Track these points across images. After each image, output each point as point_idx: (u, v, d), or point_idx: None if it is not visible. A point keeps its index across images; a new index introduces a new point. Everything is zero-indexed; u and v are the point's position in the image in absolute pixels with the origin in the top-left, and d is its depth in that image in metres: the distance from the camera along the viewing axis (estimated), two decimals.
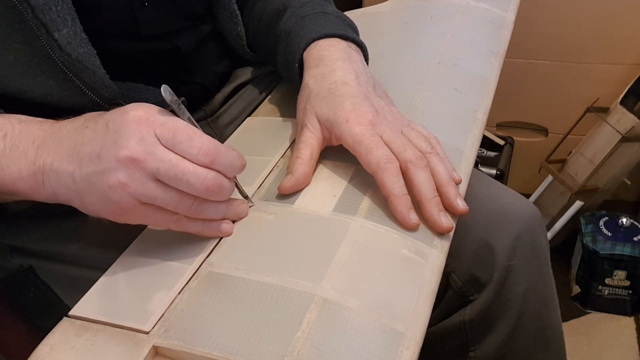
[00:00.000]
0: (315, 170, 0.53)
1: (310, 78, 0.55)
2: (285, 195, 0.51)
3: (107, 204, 0.42)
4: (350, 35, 0.58)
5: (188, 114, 0.45)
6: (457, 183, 0.50)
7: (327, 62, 0.55)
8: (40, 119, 0.47)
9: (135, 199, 0.42)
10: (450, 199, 0.48)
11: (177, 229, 0.45)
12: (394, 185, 0.47)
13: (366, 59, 0.60)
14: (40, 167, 0.44)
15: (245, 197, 0.50)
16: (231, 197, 0.47)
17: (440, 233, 0.48)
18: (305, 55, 0.57)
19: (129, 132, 0.41)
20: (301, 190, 0.51)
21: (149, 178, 0.41)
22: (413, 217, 0.47)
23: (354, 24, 0.63)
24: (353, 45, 0.58)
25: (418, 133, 0.51)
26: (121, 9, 0.56)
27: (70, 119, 0.46)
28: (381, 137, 0.49)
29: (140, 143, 0.41)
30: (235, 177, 0.47)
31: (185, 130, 0.42)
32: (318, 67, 0.55)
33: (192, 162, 0.42)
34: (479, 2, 0.80)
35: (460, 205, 0.48)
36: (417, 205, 0.48)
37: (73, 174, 0.42)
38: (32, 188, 0.44)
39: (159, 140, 0.42)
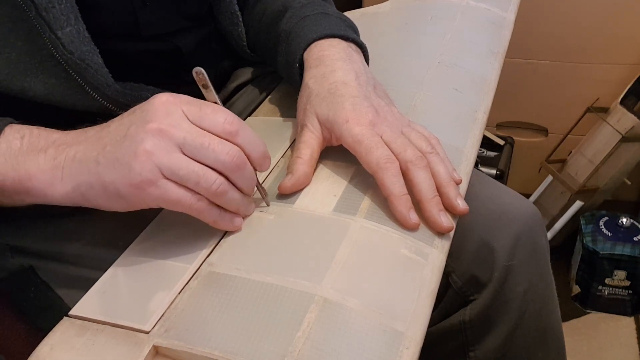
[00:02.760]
0: (315, 170, 0.53)
1: (311, 78, 0.55)
2: (286, 195, 0.51)
3: (129, 177, 0.42)
4: (350, 35, 0.58)
5: (216, 97, 0.46)
6: (458, 183, 0.50)
7: (328, 62, 0.55)
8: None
9: (159, 170, 0.42)
10: (450, 199, 0.48)
11: (194, 213, 0.44)
12: (394, 185, 0.47)
13: (366, 60, 0.60)
14: (61, 162, 0.44)
15: (264, 195, 0.50)
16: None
17: (440, 233, 0.48)
18: (305, 55, 0.57)
19: (156, 109, 0.43)
20: (301, 190, 0.51)
21: (175, 149, 0.42)
22: (413, 217, 0.47)
23: (354, 24, 0.63)
24: (353, 46, 0.58)
25: (418, 133, 0.51)
26: (122, 9, 0.56)
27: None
28: (381, 137, 0.49)
29: (168, 117, 0.42)
30: (257, 175, 0.47)
31: (210, 105, 0.44)
32: (318, 68, 0.55)
33: (218, 135, 0.43)
34: (479, 2, 0.80)
35: (461, 205, 0.48)
36: (417, 205, 0.48)
37: (97, 157, 0.43)
38: (49, 183, 0.44)
39: (186, 116, 0.43)
